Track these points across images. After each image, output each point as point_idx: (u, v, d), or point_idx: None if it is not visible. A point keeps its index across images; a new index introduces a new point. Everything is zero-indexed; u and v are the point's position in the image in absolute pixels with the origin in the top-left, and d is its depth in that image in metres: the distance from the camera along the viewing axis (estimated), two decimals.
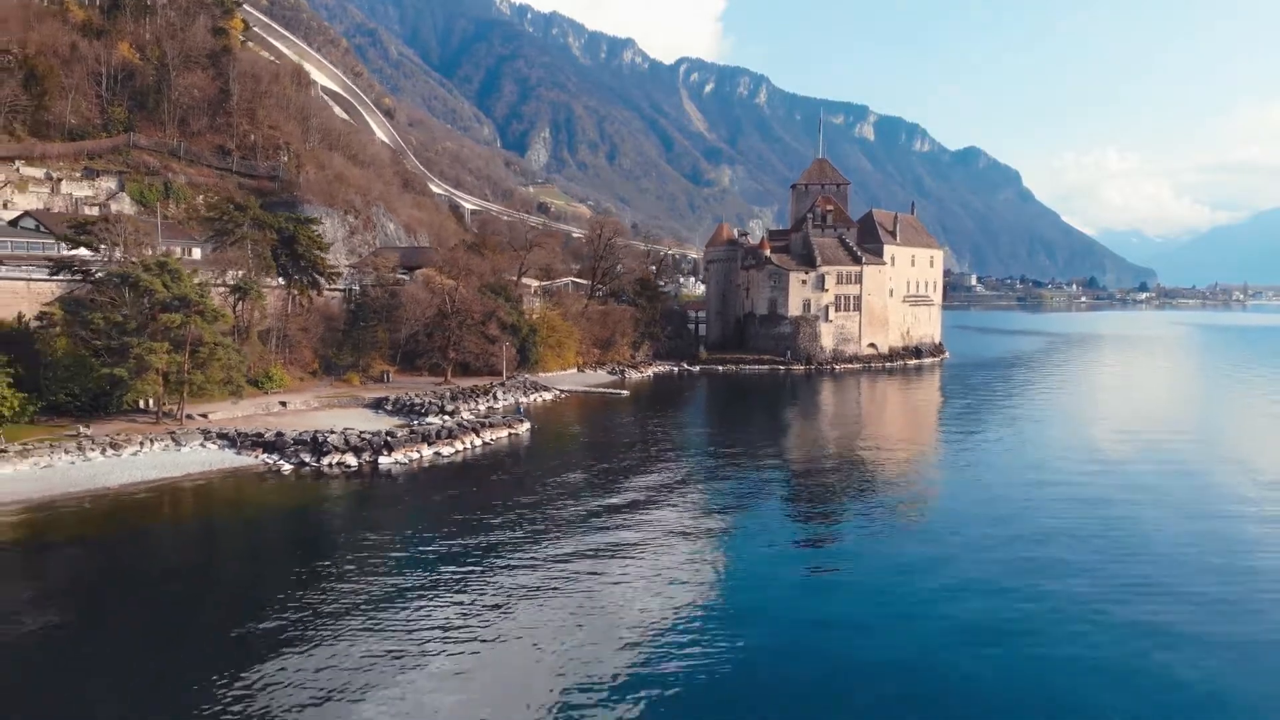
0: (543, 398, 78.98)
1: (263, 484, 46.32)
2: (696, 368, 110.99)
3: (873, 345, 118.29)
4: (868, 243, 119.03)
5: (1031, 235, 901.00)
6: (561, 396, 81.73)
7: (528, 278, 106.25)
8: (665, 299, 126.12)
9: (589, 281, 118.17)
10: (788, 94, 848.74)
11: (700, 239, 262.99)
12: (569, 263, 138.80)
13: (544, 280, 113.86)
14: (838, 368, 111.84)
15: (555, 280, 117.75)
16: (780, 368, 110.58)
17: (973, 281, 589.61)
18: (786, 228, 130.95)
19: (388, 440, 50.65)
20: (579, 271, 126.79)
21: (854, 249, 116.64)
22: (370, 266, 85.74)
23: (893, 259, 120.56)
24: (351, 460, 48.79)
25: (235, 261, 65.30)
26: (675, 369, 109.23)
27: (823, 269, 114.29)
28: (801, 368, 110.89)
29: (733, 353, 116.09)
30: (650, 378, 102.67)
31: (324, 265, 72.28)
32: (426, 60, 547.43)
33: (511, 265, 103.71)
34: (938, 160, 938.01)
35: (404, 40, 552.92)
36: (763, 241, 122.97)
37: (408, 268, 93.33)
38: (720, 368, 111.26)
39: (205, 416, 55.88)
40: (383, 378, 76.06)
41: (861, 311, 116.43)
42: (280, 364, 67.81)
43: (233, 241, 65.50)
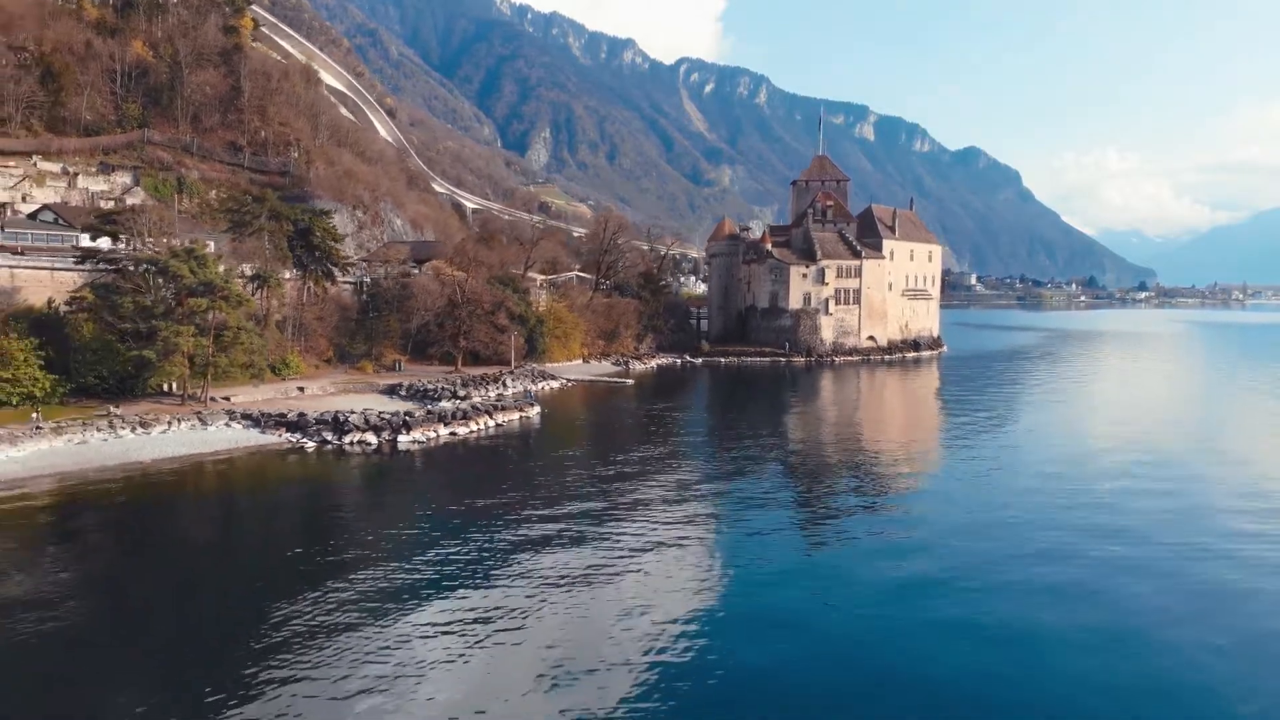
0: (550, 385, 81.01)
1: (286, 461, 48.27)
2: (699, 360, 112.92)
3: (872, 338, 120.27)
4: (867, 237, 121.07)
5: (1031, 235, 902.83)
6: (568, 385, 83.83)
7: (533, 271, 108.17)
8: (668, 292, 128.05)
9: (593, 276, 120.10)
10: (788, 94, 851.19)
11: (700, 239, 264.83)
12: (571, 260, 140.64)
13: (549, 274, 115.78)
14: (837, 360, 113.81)
15: (560, 275, 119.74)
16: (781, 360, 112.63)
17: (972, 281, 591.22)
18: (787, 224, 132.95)
19: (406, 420, 52.68)
20: (583, 266, 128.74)
21: (853, 243, 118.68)
22: (381, 258, 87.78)
23: (891, 253, 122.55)
24: (372, 438, 50.81)
25: (253, 252, 67.24)
26: (678, 361, 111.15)
27: (823, 263, 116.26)
28: (802, 360, 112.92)
29: (734, 345, 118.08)
30: (654, 369, 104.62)
31: (339, 256, 74.28)
32: (427, 60, 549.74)
33: (517, 260, 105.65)
34: (938, 160, 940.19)
35: (404, 40, 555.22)
36: (764, 236, 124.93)
37: (417, 261, 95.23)
38: (722, 360, 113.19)
39: (227, 399, 57.80)
40: (395, 366, 78.00)
41: (861, 305, 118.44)
42: (297, 351, 69.79)
43: (250, 233, 67.40)
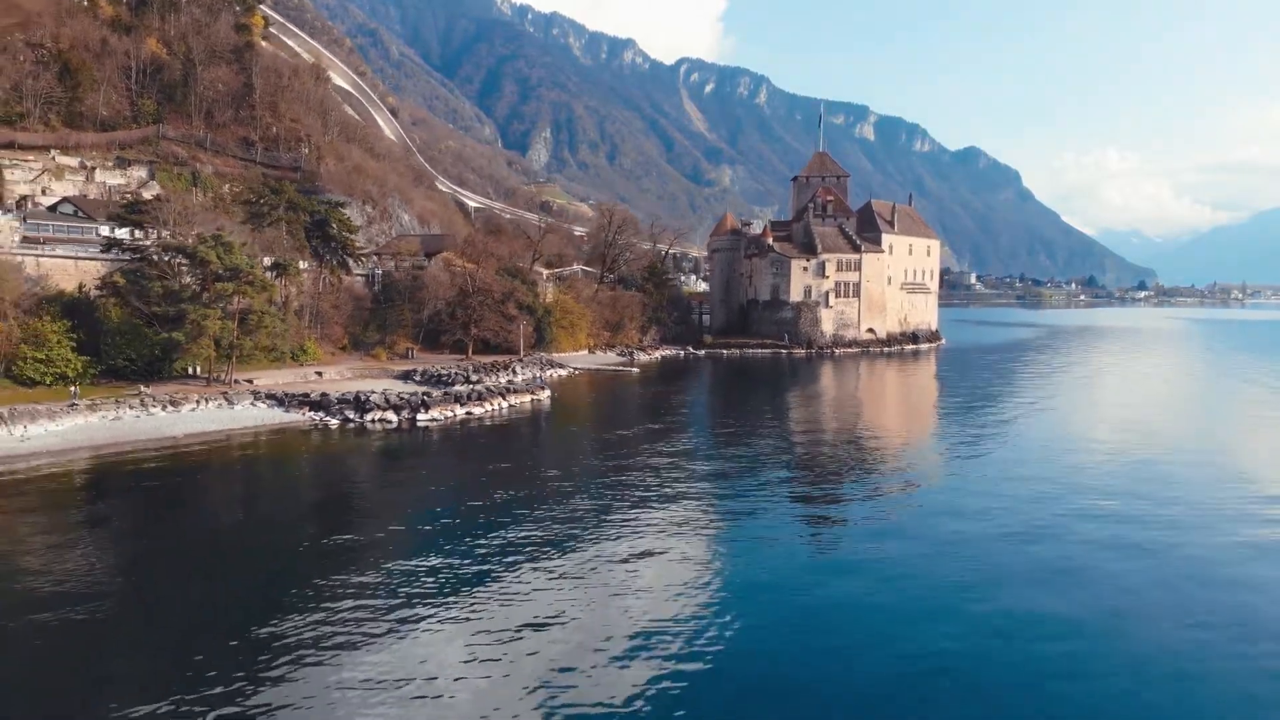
0: (558, 373, 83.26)
1: (310, 438, 50.39)
2: (702, 351, 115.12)
3: (871, 330, 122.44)
4: (867, 232, 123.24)
5: (1031, 235, 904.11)
6: (575, 373, 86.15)
7: (539, 265, 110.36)
8: (672, 285, 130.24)
9: (597, 270, 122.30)
10: (788, 94, 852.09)
11: (700, 238, 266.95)
12: (575, 254, 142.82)
13: (554, 269, 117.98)
14: (837, 351, 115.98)
15: (564, 269, 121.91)
16: (782, 351, 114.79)
17: (972, 280, 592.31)
18: (788, 220, 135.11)
19: (424, 400, 54.86)
20: (586, 261, 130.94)
21: (853, 237, 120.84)
22: (392, 251, 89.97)
23: (890, 247, 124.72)
24: (392, 417, 53.00)
25: (271, 242, 69.43)
26: (681, 352, 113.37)
27: (823, 256, 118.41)
28: (802, 351, 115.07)
29: (736, 338, 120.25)
30: (658, 359, 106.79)
31: (354, 247, 76.43)
32: (427, 60, 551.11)
33: (524, 253, 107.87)
34: (938, 160, 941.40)
35: (405, 40, 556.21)
36: (765, 230, 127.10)
37: (427, 253, 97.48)
38: (724, 351, 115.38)
39: (250, 382, 59.97)
40: (407, 354, 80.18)
41: (860, 298, 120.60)
42: (314, 339, 71.96)
43: (269, 223, 69.58)
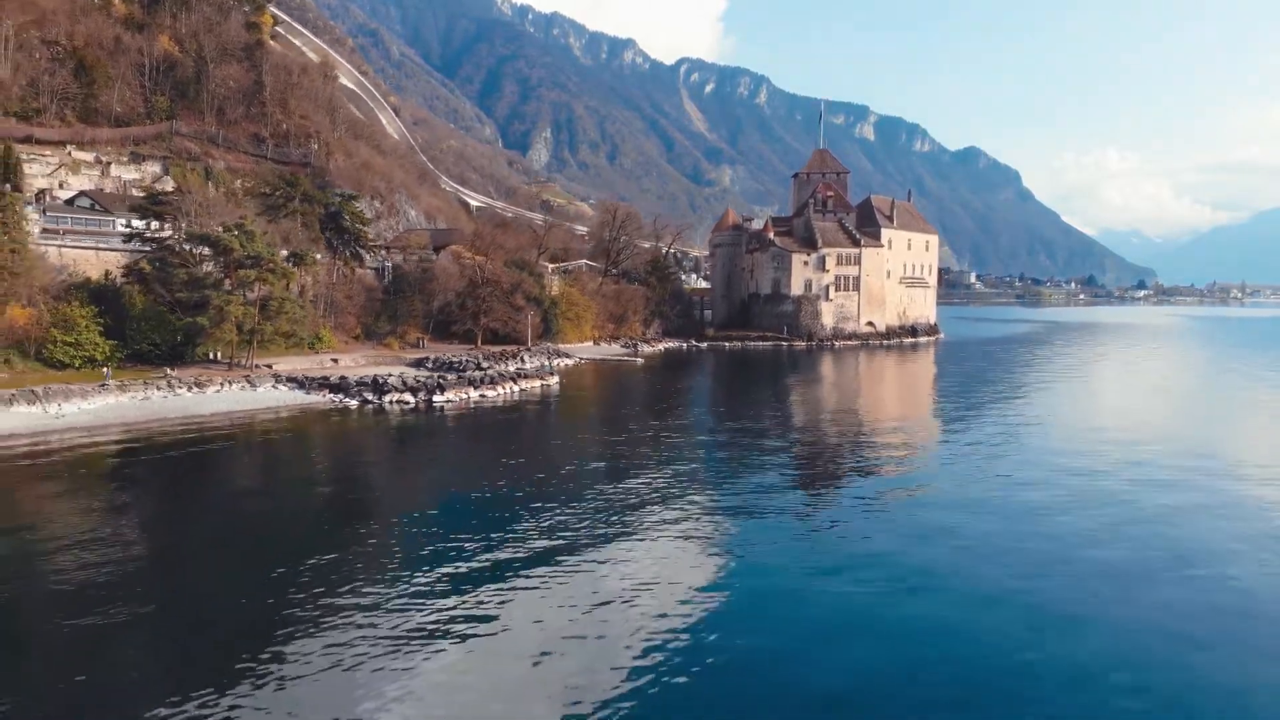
0: (565, 362, 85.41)
1: (331, 418, 52.31)
2: (704, 344, 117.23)
3: (870, 324, 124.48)
4: (866, 227, 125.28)
5: (1031, 235, 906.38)
6: (582, 362, 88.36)
7: (544, 259, 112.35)
8: (675, 279, 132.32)
9: (601, 264, 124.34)
10: (788, 94, 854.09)
11: (700, 238, 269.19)
12: (579, 249, 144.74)
13: (559, 263, 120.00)
14: (837, 344, 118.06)
15: (569, 263, 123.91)
16: (783, 344, 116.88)
17: (972, 279, 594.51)
18: (789, 216, 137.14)
19: (440, 382, 56.88)
20: (591, 254, 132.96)
21: (853, 232, 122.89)
22: (402, 244, 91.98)
23: (890, 242, 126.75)
24: (409, 398, 55.02)
25: (287, 233, 71.41)
26: (684, 345, 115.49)
27: (823, 251, 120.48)
28: (803, 344, 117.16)
29: (738, 331, 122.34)
30: (661, 351, 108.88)
31: (366, 238, 78.42)
32: (428, 60, 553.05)
33: (530, 246, 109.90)
34: (938, 160, 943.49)
35: (405, 40, 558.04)
36: (767, 225, 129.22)
37: (436, 247, 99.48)
38: (726, 344, 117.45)
39: (269, 367, 61.96)
40: (418, 343, 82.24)
41: (860, 291, 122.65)
42: (329, 328, 73.98)
43: (285, 215, 71.57)
